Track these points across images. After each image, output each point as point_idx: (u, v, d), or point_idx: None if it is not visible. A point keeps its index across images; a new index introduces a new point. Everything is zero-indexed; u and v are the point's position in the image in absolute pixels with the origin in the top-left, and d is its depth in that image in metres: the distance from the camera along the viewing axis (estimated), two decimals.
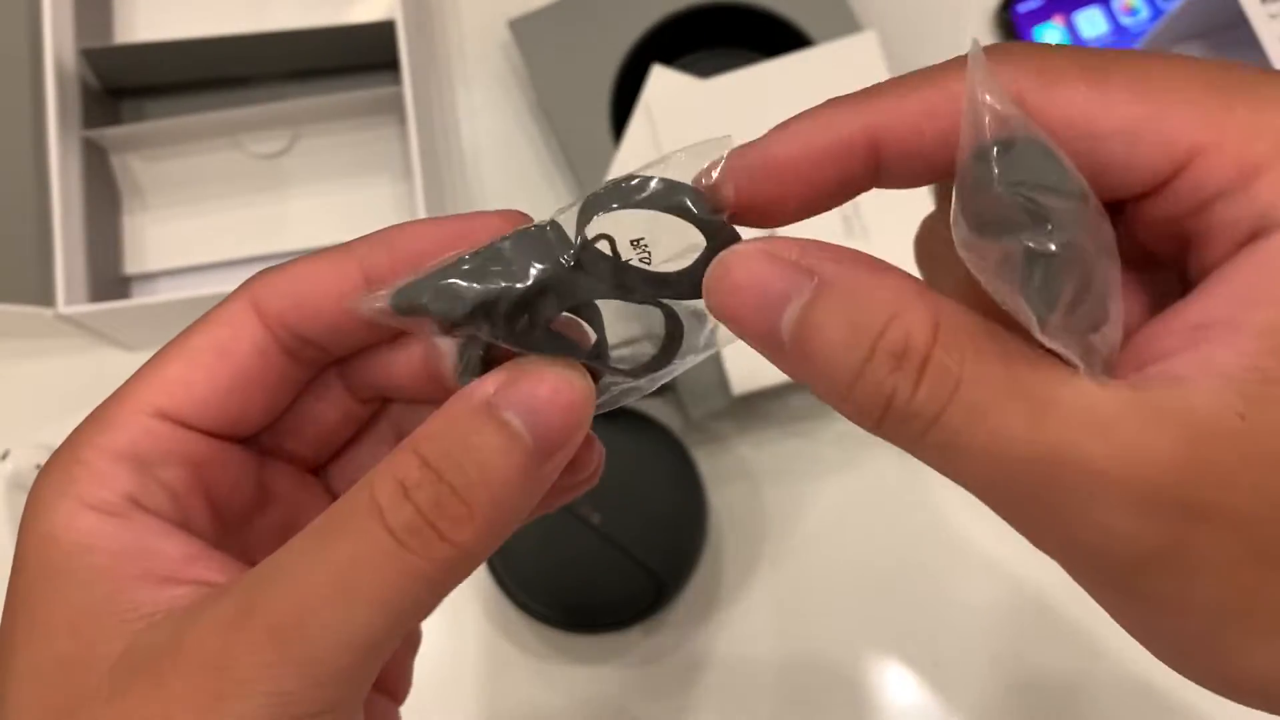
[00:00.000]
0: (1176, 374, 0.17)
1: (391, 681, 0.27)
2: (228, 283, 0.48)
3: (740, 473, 0.51)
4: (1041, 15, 0.56)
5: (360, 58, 0.55)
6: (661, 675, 0.49)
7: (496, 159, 0.56)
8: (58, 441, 0.22)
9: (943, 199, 0.22)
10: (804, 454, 0.51)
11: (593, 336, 0.20)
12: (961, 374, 0.17)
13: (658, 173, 0.19)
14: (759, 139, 0.20)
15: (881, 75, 0.49)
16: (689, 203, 0.19)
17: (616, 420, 0.48)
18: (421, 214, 0.48)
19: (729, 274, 0.18)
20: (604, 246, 0.19)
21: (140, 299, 0.52)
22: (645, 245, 0.19)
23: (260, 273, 0.23)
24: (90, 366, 0.53)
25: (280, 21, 0.54)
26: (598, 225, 0.19)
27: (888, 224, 0.47)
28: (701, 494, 0.48)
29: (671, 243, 0.19)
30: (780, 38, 0.52)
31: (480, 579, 0.49)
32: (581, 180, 0.52)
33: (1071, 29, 0.55)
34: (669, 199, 0.19)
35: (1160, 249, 0.19)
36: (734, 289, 0.18)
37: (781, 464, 0.51)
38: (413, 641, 0.27)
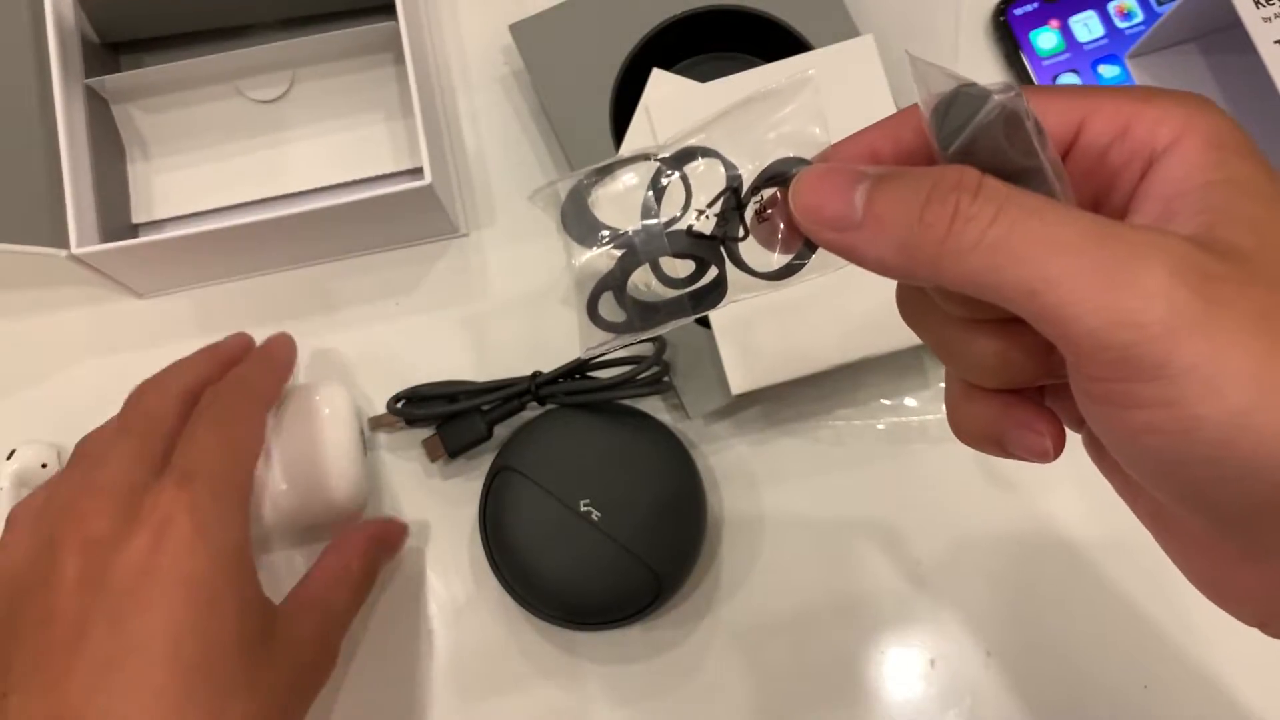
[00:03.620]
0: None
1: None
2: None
3: (739, 472, 0.51)
4: (1037, 19, 0.56)
5: (355, 2, 0.55)
6: (661, 671, 0.49)
7: (498, 161, 0.56)
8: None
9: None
10: (803, 453, 0.52)
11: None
12: (1008, 193, 0.22)
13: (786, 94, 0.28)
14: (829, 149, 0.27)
15: (879, 79, 0.49)
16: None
17: (617, 418, 0.48)
18: (423, 150, 0.49)
19: (811, 173, 0.25)
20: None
21: (153, 236, 0.50)
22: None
23: None
24: (104, 315, 0.55)
25: None
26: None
27: None
28: (701, 492, 0.48)
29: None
30: (779, 42, 0.53)
31: (481, 574, 0.49)
32: None
33: (1067, 33, 0.56)
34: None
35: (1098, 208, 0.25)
36: (817, 180, 0.25)
37: (780, 463, 0.52)
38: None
